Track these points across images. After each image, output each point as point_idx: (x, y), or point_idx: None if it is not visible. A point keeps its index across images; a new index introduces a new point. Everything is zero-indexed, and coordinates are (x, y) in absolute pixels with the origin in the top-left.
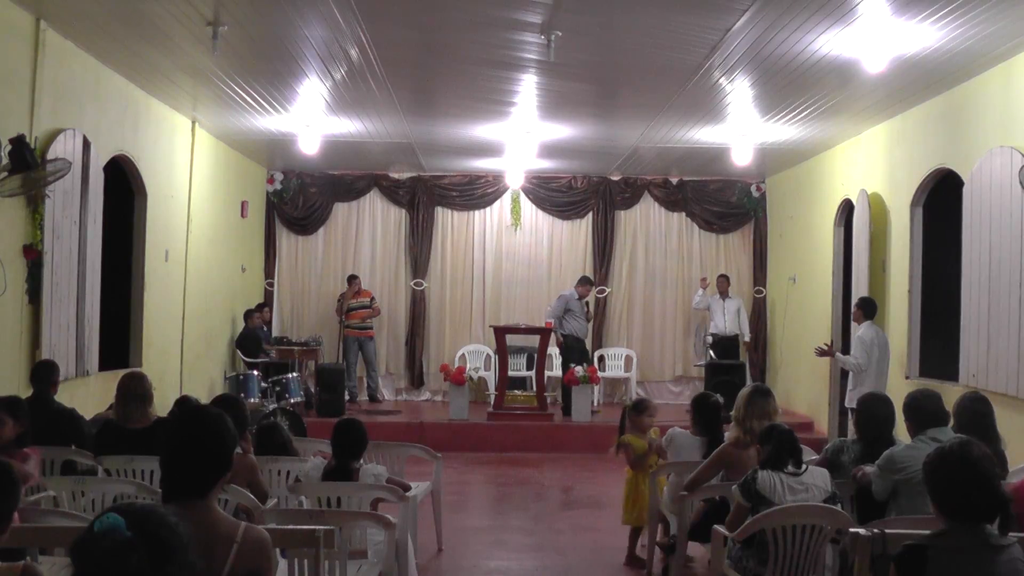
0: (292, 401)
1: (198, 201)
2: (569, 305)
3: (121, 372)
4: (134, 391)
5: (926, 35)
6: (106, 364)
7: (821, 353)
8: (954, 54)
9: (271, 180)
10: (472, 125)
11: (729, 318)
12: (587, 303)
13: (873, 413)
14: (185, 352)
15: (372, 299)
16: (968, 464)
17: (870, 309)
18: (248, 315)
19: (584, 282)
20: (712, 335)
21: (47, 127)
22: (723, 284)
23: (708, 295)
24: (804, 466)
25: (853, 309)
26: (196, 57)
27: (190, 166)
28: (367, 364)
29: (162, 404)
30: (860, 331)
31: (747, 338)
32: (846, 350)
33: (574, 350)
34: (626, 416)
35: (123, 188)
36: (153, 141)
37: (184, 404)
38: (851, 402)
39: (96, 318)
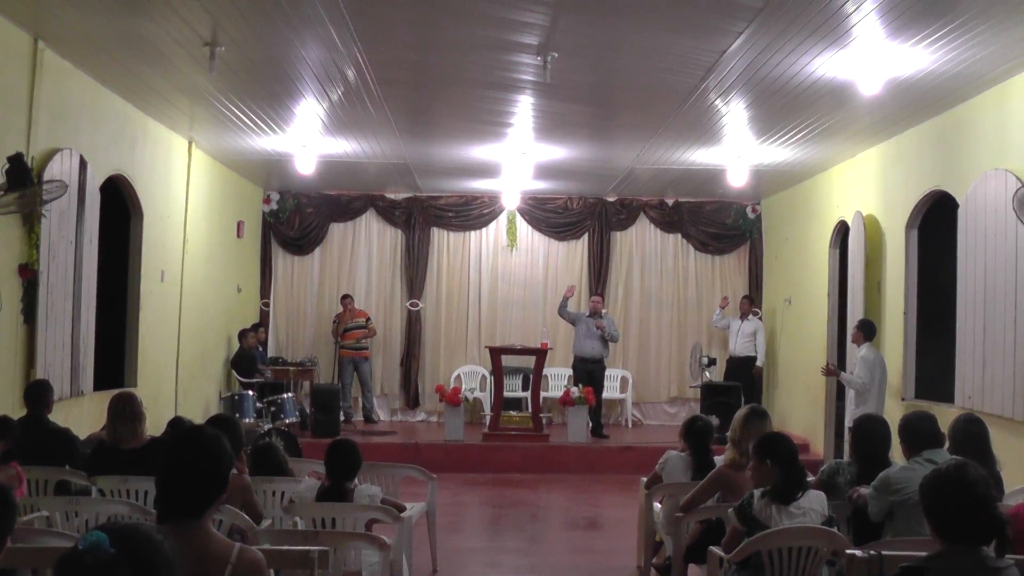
0: (287, 421)
1: (194, 221)
2: (576, 320)
3: (115, 394)
4: (125, 411)
5: (920, 58)
6: (101, 384)
7: (827, 373)
8: (948, 77)
9: (267, 200)
10: (468, 146)
11: (742, 340)
12: (603, 318)
13: (869, 434)
14: (180, 372)
15: (368, 320)
16: (965, 486)
17: (870, 331)
18: (243, 335)
19: (593, 296)
20: (709, 357)
21: (44, 146)
22: (744, 305)
23: (727, 315)
24: (801, 492)
25: (852, 331)
26: (193, 77)
27: (186, 186)
28: (363, 384)
29: (157, 424)
30: (862, 351)
31: (760, 361)
32: (842, 370)
33: (578, 371)
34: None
35: (119, 208)
36: (150, 161)
37: (177, 425)
38: (852, 422)
39: (91, 338)
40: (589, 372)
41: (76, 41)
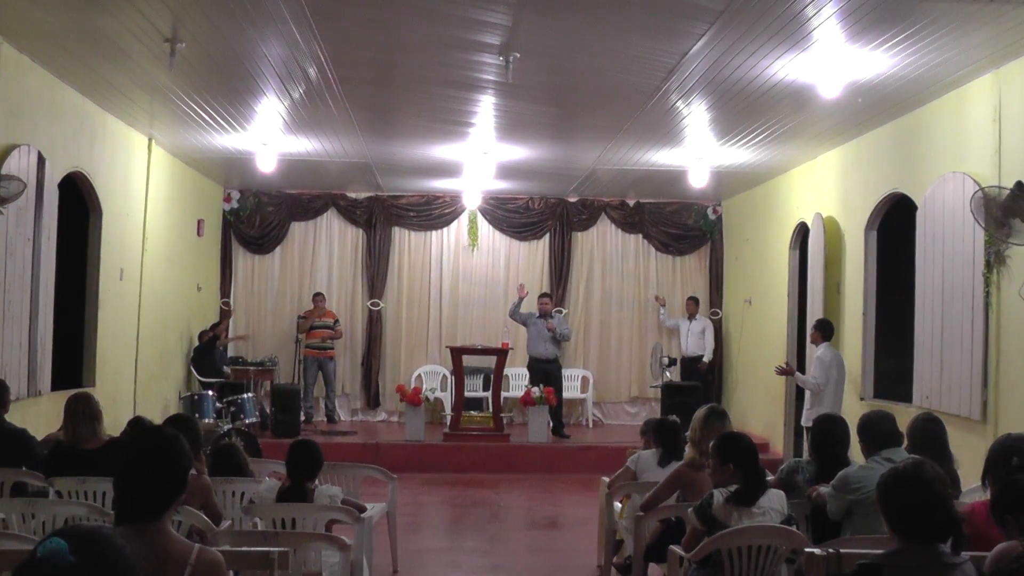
0: (247, 421)
1: (154, 219)
2: (527, 322)
3: (71, 394)
4: (83, 411)
5: (880, 62)
6: (59, 384)
7: (781, 372)
8: (907, 81)
9: (228, 199)
10: (430, 145)
11: (692, 339)
12: (552, 319)
13: (827, 433)
14: (139, 372)
15: (336, 322)
16: (921, 484)
17: (828, 331)
18: (202, 334)
19: (541, 297)
20: (669, 357)
21: (1, 143)
22: (691, 306)
23: (674, 315)
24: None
25: (810, 331)
26: (153, 74)
27: (146, 184)
28: (327, 384)
29: (116, 424)
30: (819, 352)
31: (706, 358)
32: (801, 371)
33: (534, 372)
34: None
35: (78, 205)
36: (109, 158)
37: (137, 425)
38: (807, 421)
39: (49, 337)
40: (545, 372)
41: (34, 36)
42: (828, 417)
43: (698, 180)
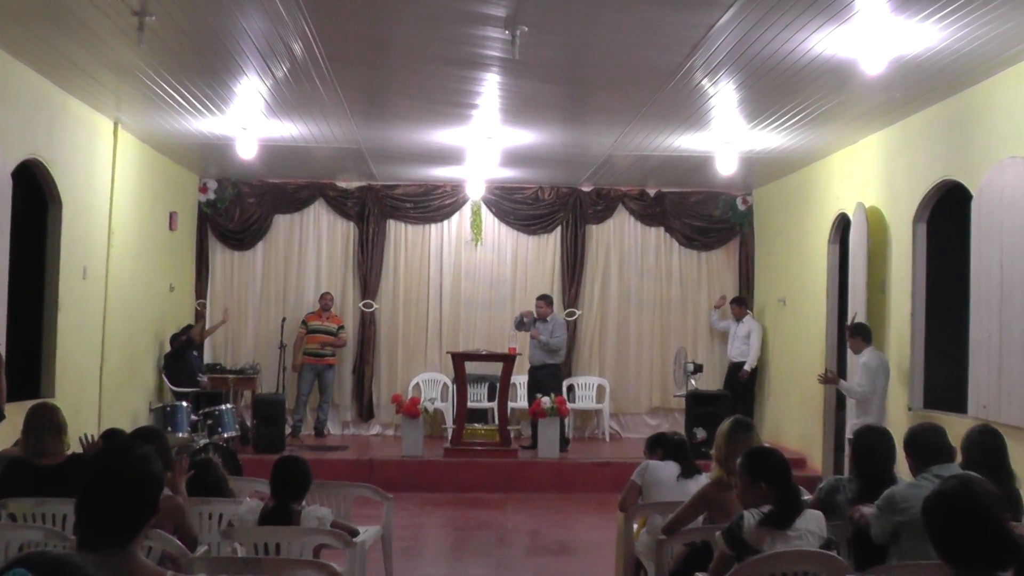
0: (226, 435)
1: (121, 212)
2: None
3: (32, 404)
4: (47, 422)
5: (929, 35)
6: (14, 395)
7: (824, 380)
8: (960, 56)
9: (204, 189)
10: (428, 129)
11: (736, 343)
12: (541, 325)
13: (871, 448)
14: (105, 381)
15: (341, 328)
16: (969, 504)
17: (868, 334)
18: (174, 339)
19: (537, 299)
20: (695, 363)
21: None
22: (734, 309)
23: (722, 318)
24: (797, 514)
25: (848, 339)
26: (120, 51)
27: (112, 172)
28: (321, 394)
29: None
30: (864, 357)
31: (748, 366)
32: (842, 378)
33: (529, 379)
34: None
35: (35, 197)
36: (70, 144)
37: (111, 439)
38: (852, 433)
39: (2, 343)
40: (535, 380)
41: None
42: (872, 429)
43: (726, 167)
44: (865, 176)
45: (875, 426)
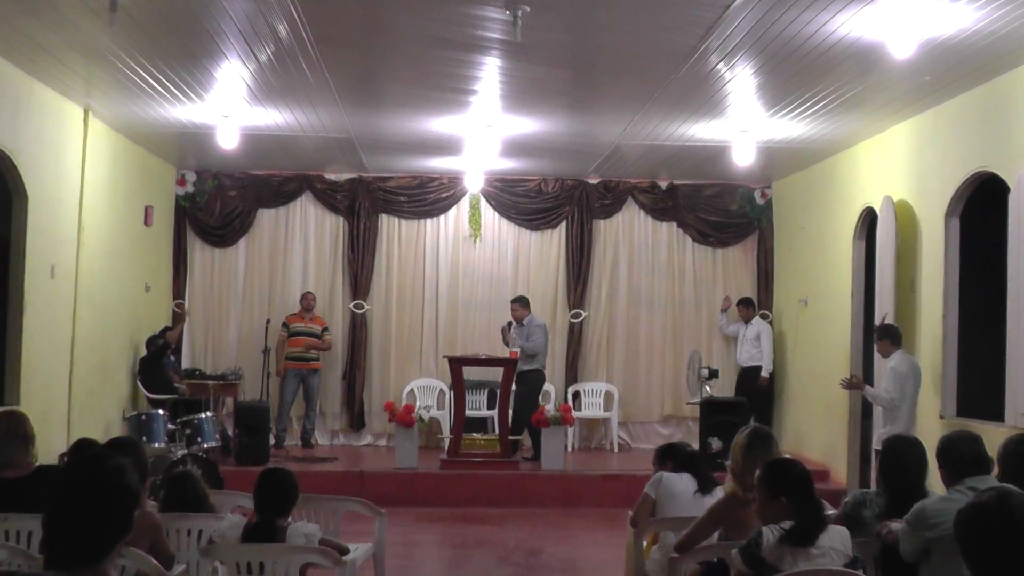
0: (206, 446)
1: (92, 206)
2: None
3: None
4: (13, 431)
5: (963, 15)
6: None
7: (848, 386)
8: (996, 38)
9: (182, 181)
10: (424, 117)
11: (746, 347)
12: (516, 328)
13: (900, 459)
14: (75, 387)
15: (325, 329)
16: (1007, 520)
17: (896, 336)
18: (151, 342)
19: (512, 302)
20: (710, 368)
21: None
22: (741, 311)
23: (732, 320)
24: (821, 530)
25: (876, 342)
26: (91, 33)
27: (82, 163)
28: (307, 402)
29: (47, 451)
30: (893, 361)
31: (766, 371)
32: (869, 384)
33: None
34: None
35: None
36: (36, 133)
37: (82, 450)
38: (880, 444)
39: None
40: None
41: None
42: (901, 438)
43: (743, 158)
44: (893, 168)
45: (904, 435)
